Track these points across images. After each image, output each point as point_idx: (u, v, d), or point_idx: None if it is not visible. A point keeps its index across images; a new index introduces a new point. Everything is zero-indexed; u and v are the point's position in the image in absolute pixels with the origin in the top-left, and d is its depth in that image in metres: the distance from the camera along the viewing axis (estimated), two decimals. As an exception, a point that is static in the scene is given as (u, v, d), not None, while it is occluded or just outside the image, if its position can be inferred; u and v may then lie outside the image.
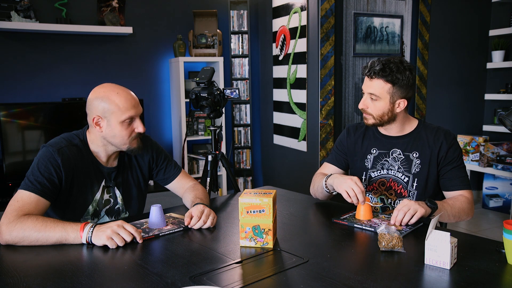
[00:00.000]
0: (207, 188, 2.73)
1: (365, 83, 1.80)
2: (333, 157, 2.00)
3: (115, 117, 1.59)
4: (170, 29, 4.01)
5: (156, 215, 1.55)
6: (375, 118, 1.79)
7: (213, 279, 1.17)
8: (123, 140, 1.63)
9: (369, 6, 3.71)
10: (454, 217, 1.69)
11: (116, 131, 1.60)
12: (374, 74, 1.74)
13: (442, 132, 1.81)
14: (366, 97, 1.80)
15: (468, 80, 4.46)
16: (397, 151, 1.83)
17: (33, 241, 1.39)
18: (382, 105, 1.76)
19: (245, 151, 4.39)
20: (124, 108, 1.59)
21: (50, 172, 1.54)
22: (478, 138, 4.10)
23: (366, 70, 1.78)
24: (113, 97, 1.59)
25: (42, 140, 3.34)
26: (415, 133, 1.83)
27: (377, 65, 1.74)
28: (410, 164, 1.80)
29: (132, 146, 1.65)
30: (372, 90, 1.76)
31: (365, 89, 1.79)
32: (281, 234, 1.50)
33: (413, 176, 1.80)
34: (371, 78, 1.76)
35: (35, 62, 3.53)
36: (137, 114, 1.64)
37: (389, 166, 1.84)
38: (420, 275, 1.19)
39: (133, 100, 1.63)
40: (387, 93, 1.74)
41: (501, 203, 4.24)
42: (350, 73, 3.71)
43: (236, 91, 2.73)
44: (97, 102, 1.59)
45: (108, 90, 1.61)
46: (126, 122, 1.60)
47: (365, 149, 1.89)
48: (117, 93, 1.60)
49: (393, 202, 1.83)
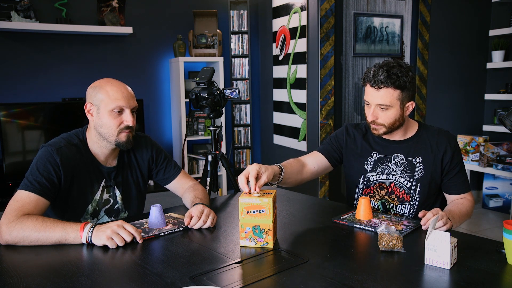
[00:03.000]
0: (207, 188, 2.73)
1: (369, 93, 1.69)
2: (325, 148, 1.90)
3: (104, 105, 1.60)
4: (170, 29, 4.01)
5: (156, 215, 1.55)
6: (387, 127, 1.71)
7: (213, 279, 1.17)
8: (110, 131, 1.62)
9: (369, 6, 3.71)
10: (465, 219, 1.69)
11: (104, 119, 1.61)
12: (381, 83, 1.64)
13: (444, 136, 1.77)
14: (374, 108, 1.69)
15: (468, 80, 4.46)
16: (400, 156, 1.79)
17: (33, 241, 1.39)
18: (393, 113, 1.68)
19: (245, 151, 4.39)
20: (113, 98, 1.60)
21: (49, 172, 1.54)
22: (478, 138, 4.10)
23: (369, 80, 1.67)
24: (106, 86, 1.62)
25: (42, 140, 3.34)
26: (417, 137, 1.79)
27: (381, 73, 1.64)
28: (413, 169, 1.77)
29: (120, 139, 1.63)
30: (381, 100, 1.66)
31: (372, 100, 1.69)
32: (281, 234, 1.50)
33: (416, 181, 1.76)
34: (378, 88, 1.66)
35: (35, 62, 3.53)
36: (128, 106, 1.63)
37: (390, 171, 1.80)
38: (420, 275, 1.19)
39: (126, 91, 1.64)
40: (397, 100, 1.67)
41: (501, 203, 4.24)
42: (350, 73, 3.71)
43: (236, 91, 2.73)
44: (91, 91, 1.64)
45: (104, 81, 1.65)
46: (114, 111, 1.61)
47: (364, 151, 1.84)
48: (110, 84, 1.63)
49: (395, 207, 1.80)
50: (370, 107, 1.71)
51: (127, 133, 1.64)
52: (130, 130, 1.65)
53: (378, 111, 1.70)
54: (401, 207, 1.79)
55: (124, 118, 1.63)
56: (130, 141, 1.67)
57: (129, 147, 1.68)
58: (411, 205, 1.78)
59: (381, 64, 1.69)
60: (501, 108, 4.39)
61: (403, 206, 1.78)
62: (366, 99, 1.73)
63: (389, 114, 1.69)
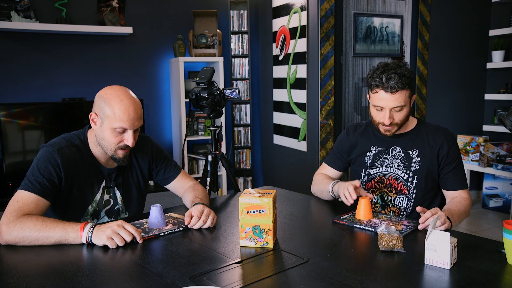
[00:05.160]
0: (207, 188, 2.73)
1: (384, 99, 1.71)
2: (332, 159, 2.02)
3: (108, 122, 1.57)
4: (170, 29, 4.01)
5: (156, 215, 1.55)
6: (399, 125, 1.77)
7: (213, 279, 1.17)
8: (109, 146, 1.61)
9: (369, 6, 3.71)
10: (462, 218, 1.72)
11: (105, 134, 1.59)
12: (397, 87, 1.67)
13: (442, 131, 1.82)
14: (389, 111, 1.72)
15: (468, 80, 4.46)
16: (397, 149, 1.84)
17: (33, 241, 1.39)
18: (406, 111, 1.75)
19: (245, 151, 4.39)
20: (119, 118, 1.56)
21: (49, 172, 1.54)
22: (478, 138, 4.10)
23: (382, 86, 1.69)
24: (114, 102, 1.56)
25: (42, 140, 3.34)
26: (415, 131, 1.85)
27: (394, 77, 1.67)
28: (410, 162, 1.82)
29: (117, 155, 1.63)
30: (397, 103, 1.70)
31: (387, 105, 1.71)
32: (281, 234, 1.50)
33: (413, 174, 1.81)
34: (395, 92, 1.68)
35: (35, 62, 3.53)
36: (132, 127, 1.59)
37: (388, 164, 1.85)
38: (420, 275, 1.19)
39: (133, 113, 1.57)
40: (408, 98, 1.73)
41: (501, 203, 4.24)
42: (350, 73, 3.71)
43: (236, 91, 2.73)
44: (100, 101, 1.59)
45: (115, 94, 1.58)
46: (117, 130, 1.58)
47: (365, 146, 1.91)
48: (120, 100, 1.56)
49: (393, 199, 1.84)
50: (384, 111, 1.73)
51: (124, 151, 1.64)
52: (129, 149, 1.65)
53: (393, 113, 1.74)
54: (399, 200, 1.83)
55: (125, 137, 1.60)
56: (126, 159, 1.66)
57: (124, 164, 1.68)
58: (408, 197, 1.82)
59: (386, 67, 1.71)
60: (501, 108, 4.39)
61: (401, 199, 1.83)
62: (379, 105, 1.73)
63: (403, 113, 1.75)
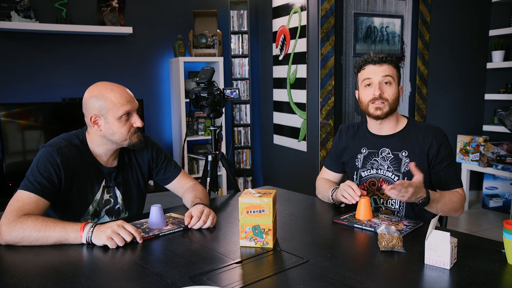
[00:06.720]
0: (207, 188, 2.73)
1: (372, 71, 1.76)
2: (330, 162, 2.02)
3: (112, 114, 1.60)
4: (170, 29, 4.01)
5: (156, 215, 1.55)
6: (390, 104, 1.76)
7: (213, 279, 1.17)
8: (123, 136, 1.64)
9: (369, 6, 3.71)
10: (450, 210, 1.70)
11: (114, 128, 1.61)
12: (383, 60, 1.75)
13: (431, 130, 1.79)
14: (378, 83, 1.75)
15: (468, 80, 4.46)
16: (386, 150, 1.82)
17: (33, 241, 1.39)
18: (395, 89, 1.77)
19: (245, 151, 4.39)
20: (119, 104, 1.59)
21: (49, 172, 1.54)
22: (478, 138, 4.10)
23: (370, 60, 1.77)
24: (107, 94, 1.60)
25: (42, 140, 3.34)
26: (405, 131, 1.82)
27: (381, 53, 1.77)
28: (399, 163, 1.79)
29: (133, 141, 1.66)
30: (385, 72, 1.75)
31: (376, 75, 1.75)
32: (281, 234, 1.50)
33: (403, 175, 1.78)
34: (382, 63, 1.75)
35: (35, 62, 3.53)
36: (134, 109, 1.64)
37: (378, 166, 1.82)
38: (420, 275, 1.19)
39: (128, 95, 1.64)
40: (396, 77, 1.78)
41: (501, 203, 4.24)
42: (350, 73, 3.71)
43: (236, 91, 2.73)
44: (93, 101, 1.60)
45: (102, 88, 1.62)
46: (123, 117, 1.61)
47: (355, 149, 1.89)
48: (111, 90, 1.61)
49: (385, 202, 1.82)
50: (373, 85, 1.77)
51: (137, 135, 1.68)
52: (140, 130, 1.69)
53: (382, 86, 1.76)
54: (391, 202, 1.81)
55: (133, 121, 1.65)
56: (142, 140, 1.71)
57: (142, 146, 1.72)
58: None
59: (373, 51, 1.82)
60: (501, 108, 4.39)
61: (393, 201, 1.81)
62: (368, 77, 1.78)
63: (392, 90, 1.77)
